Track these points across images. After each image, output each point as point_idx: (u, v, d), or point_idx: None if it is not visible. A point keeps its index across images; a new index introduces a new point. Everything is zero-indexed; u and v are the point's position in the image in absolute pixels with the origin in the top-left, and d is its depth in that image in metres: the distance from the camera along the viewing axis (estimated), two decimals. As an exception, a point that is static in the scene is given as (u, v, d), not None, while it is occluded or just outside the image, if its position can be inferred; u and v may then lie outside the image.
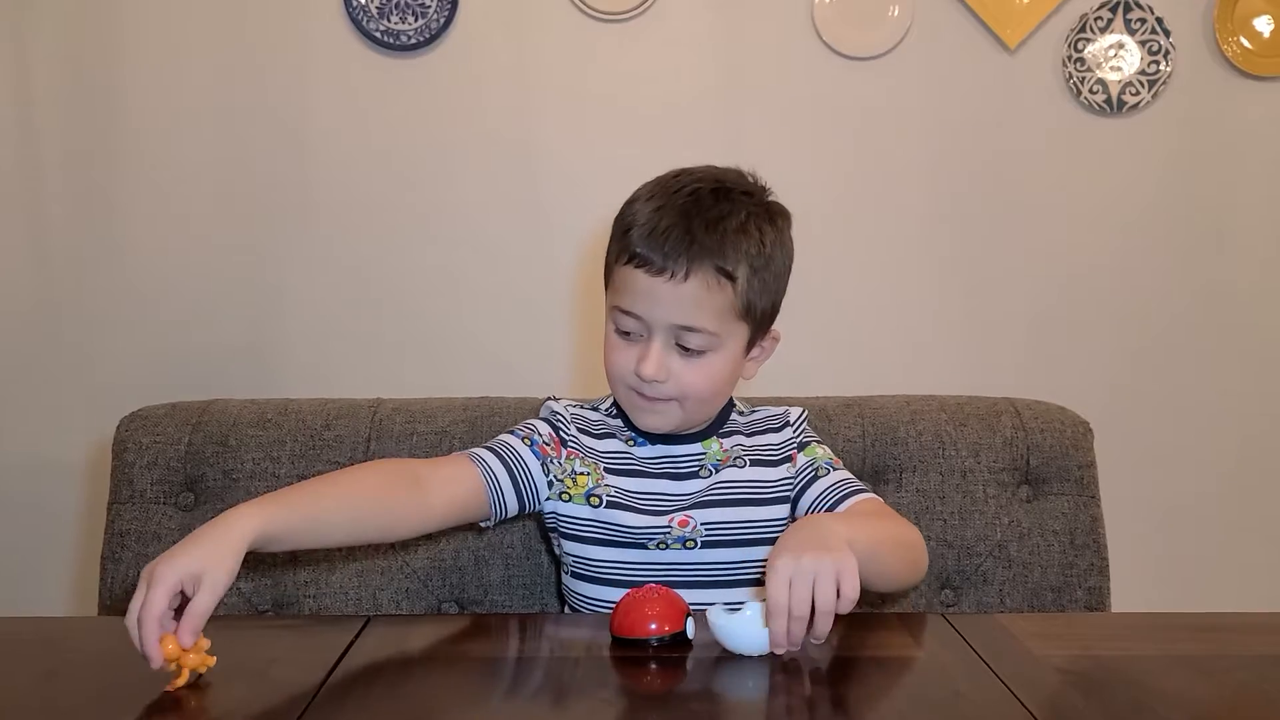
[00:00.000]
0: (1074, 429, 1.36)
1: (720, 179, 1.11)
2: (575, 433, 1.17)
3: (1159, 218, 2.01)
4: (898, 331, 2.02)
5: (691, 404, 1.10)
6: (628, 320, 1.08)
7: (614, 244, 1.11)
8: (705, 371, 1.08)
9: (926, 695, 0.83)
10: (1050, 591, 1.30)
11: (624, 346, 1.09)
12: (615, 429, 1.18)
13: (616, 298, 1.09)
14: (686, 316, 1.05)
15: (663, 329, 1.06)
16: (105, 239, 1.95)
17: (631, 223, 1.08)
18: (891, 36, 1.95)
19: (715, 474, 1.15)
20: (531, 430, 1.16)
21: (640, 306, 1.06)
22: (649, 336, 1.07)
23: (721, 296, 1.05)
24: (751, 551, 1.12)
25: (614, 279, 1.10)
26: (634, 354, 1.08)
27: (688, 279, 1.04)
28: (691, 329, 1.05)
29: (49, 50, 1.92)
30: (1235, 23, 1.96)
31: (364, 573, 1.28)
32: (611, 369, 1.11)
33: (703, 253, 1.04)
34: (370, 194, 1.97)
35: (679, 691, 0.85)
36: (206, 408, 1.35)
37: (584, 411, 1.21)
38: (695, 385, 1.08)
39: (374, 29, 1.92)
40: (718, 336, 1.07)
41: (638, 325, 1.07)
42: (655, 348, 1.06)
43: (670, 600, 0.92)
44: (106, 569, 1.27)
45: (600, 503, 1.12)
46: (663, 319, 1.06)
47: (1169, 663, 0.88)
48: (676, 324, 1.06)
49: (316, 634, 0.98)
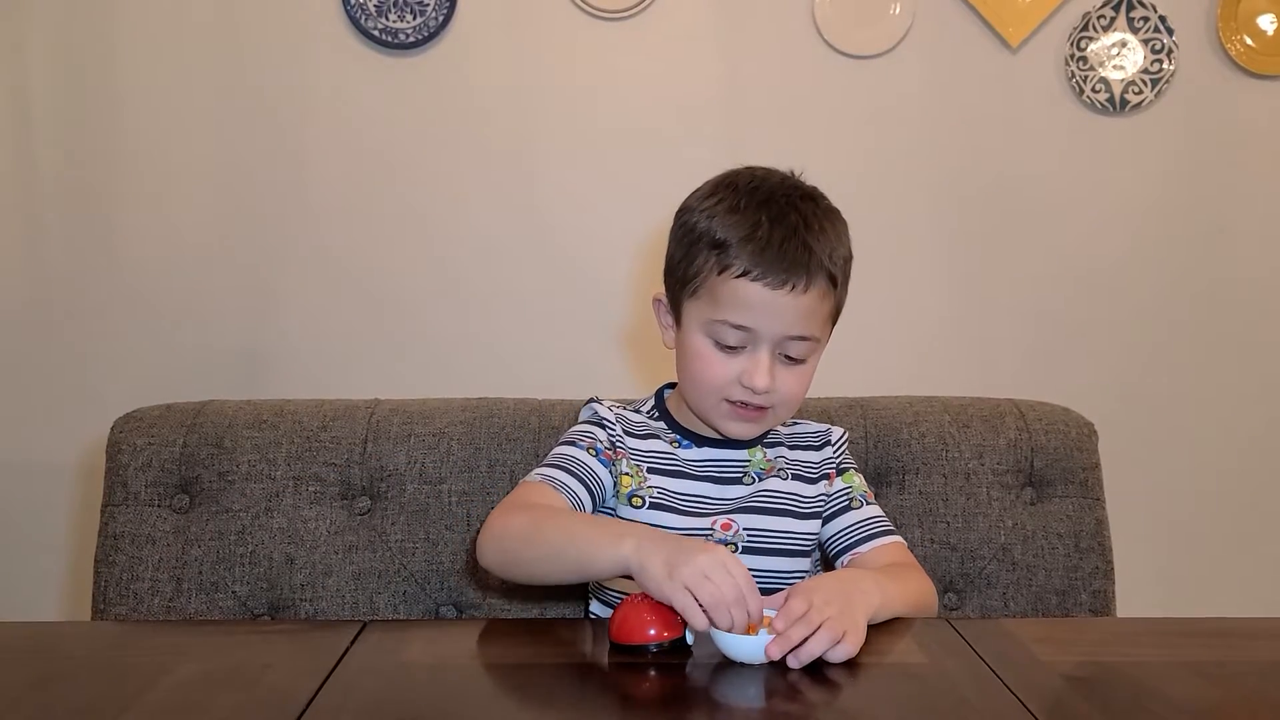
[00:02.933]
0: (1078, 430, 1.35)
1: (796, 183, 1.11)
2: (620, 433, 1.17)
3: (1162, 217, 2.00)
4: (900, 331, 2.01)
5: (784, 410, 1.11)
6: (733, 334, 1.06)
7: (702, 254, 1.07)
8: (803, 378, 1.10)
9: (933, 703, 0.82)
10: (1055, 595, 1.29)
11: (723, 359, 1.07)
12: (659, 430, 1.18)
13: (720, 311, 1.06)
14: (800, 326, 1.06)
15: (772, 340, 1.06)
16: (100, 239, 1.93)
17: (726, 235, 1.05)
18: (892, 35, 1.94)
19: (759, 482, 1.15)
20: (592, 439, 1.15)
21: (755, 320, 1.05)
22: (754, 348, 1.06)
23: (829, 303, 1.08)
24: (787, 562, 1.12)
25: (709, 292, 1.07)
26: (735, 366, 1.07)
27: (808, 290, 1.04)
28: (802, 338, 1.06)
29: (46, 50, 1.91)
30: (1239, 21, 1.95)
31: (361, 576, 1.27)
32: (708, 381, 1.09)
33: (819, 264, 1.05)
34: (367, 193, 1.95)
35: (678, 698, 0.84)
36: (201, 409, 1.34)
37: (626, 413, 1.20)
38: (794, 392, 1.09)
39: (372, 27, 1.90)
40: (819, 342, 1.09)
41: (744, 337, 1.06)
42: (764, 359, 1.06)
43: (669, 607, 0.90)
44: (100, 572, 1.26)
45: (643, 504, 1.12)
46: (779, 331, 1.05)
47: (1177, 669, 0.87)
48: (789, 335, 1.06)
49: (311, 639, 0.97)
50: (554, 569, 1.02)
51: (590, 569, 0.98)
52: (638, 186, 1.93)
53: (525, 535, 1.02)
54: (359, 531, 1.29)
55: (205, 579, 1.26)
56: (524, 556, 1.03)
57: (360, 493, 1.30)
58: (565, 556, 0.99)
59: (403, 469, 1.30)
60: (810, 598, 0.90)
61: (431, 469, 1.30)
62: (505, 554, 1.04)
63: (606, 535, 0.97)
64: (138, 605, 1.24)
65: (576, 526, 1.02)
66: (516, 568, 1.04)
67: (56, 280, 1.95)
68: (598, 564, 0.96)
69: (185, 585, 1.25)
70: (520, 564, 1.04)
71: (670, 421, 1.19)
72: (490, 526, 1.06)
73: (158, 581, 1.25)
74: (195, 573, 1.26)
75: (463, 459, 1.30)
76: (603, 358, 1.98)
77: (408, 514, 1.29)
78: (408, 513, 1.29)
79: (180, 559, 1.26)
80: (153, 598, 1.25)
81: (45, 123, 1.92)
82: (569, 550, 0.99)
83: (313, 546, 1.27)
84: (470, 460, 1.30)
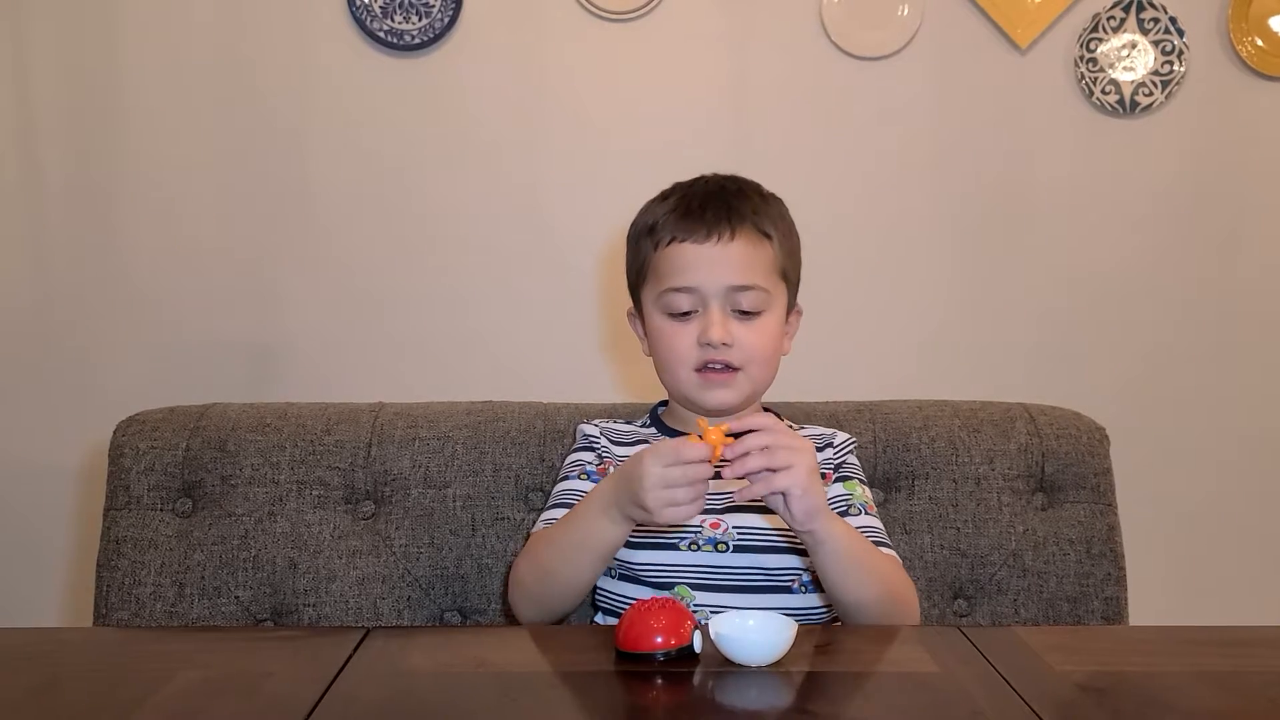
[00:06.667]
0: (1089, 435, 1.33)
1: (732, 177, 1.18)
2: (607, 444, 1.20)
3: (1173, 219, 1.98)
4: (909, 335, 1.99)
5: (755, 369, 1.13)
6: (681, 298, 1.11)
7: (641, 244, 1.16)
8: (763, 333, 1.12)
9: (945, 712, 0.80)
10: (1066, 602, 1.28)
11: (680, 327, 1.12)
12: (648, 435, 1.21)
13: (663, 282, 1.12)
14: (740, 275, 1.10)
15: (718, 295, 1.10)
16: (103, 241, 1.93)
17: (655, 219, 1.14)
18: (901, 36, 1.93)
19: None
20: (581, 465, 1.19)
21: (692, 277, 1.10)
22: (705, 308, 1.10)
23: (765, 254, 1.12)
24: (782, 559, 1.11)
25: (652, 270, 1.14)
26: (693, 330, 1.11)
27: (734, 238, 1.10)
28: (746, 287, 1.10)
29: (49, 50, 1.91)
30: (1250, 22, 1.94)
31: (364, 581, 1.26)
32: (671, 355, 1.13)
33: (741, 216, 1.11)
34: (372, 195, 1.95)
35: (685, 707, 0.83)
36: (205, 412, 1.33)
37: (612, 425, 1.23)
38: (757, 347, 1.11)
39: (377, 28, 1.89)
40: (769, 293, 1.12)
41: (692, 299, 1.10)
42: (716, 313, 1.10)
43: (677, 613, 0.89)
44: (102, 576, 1.25)
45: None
46: (718, 282, 1.09)
47: (1191, 678, 0.86)
48: (731, 284, 1.09)
49: (314, 646, 0.96)
50: (572, 585, 1.07)
51: (605, 555, 1.05)
52: (644, 189, 1.90)
53: (536, 577, 1.09)
54: (363, 536, 1.28)
55: (208, 584, 1.25)
56: (545, 593, 1.09)
57: (364, 497, 1.29)
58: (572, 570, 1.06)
59: (407, 473, 1.29)
60: (775, 437, 0.94)
61: (436, 473, 1.29)
62: (531, 600, 1.10)
63: (591, 524, 1.03)
64: (140, 610, 1.24)
65: (563, 542, 1.07)
66: (546, 604, 1.10)
67: (59, 282, 1.94)
68: (607, 547, 1.04)
69: (188, 590, 1.24)
70: (547, 600, 1.09)
71: (661, 426, 1.21)
72: (510, 587, 1.13)
73: (160, 586, 1.25)
74: (198, 577, 1.25)
75: (468, 463, 1.29)
76: (608, 361, 1.97)
77: (412, 518, 1.28)
78: (412, 517, 1.28)
79: (183, 563, 1.25)
80: (155, 602, 1.24)
81: (48, 125, 1.92)
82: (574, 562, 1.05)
83: (316, 551, 1.26)
84: (475, 464, 1.29)
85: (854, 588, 1.02)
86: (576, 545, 1.05)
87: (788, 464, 0.94)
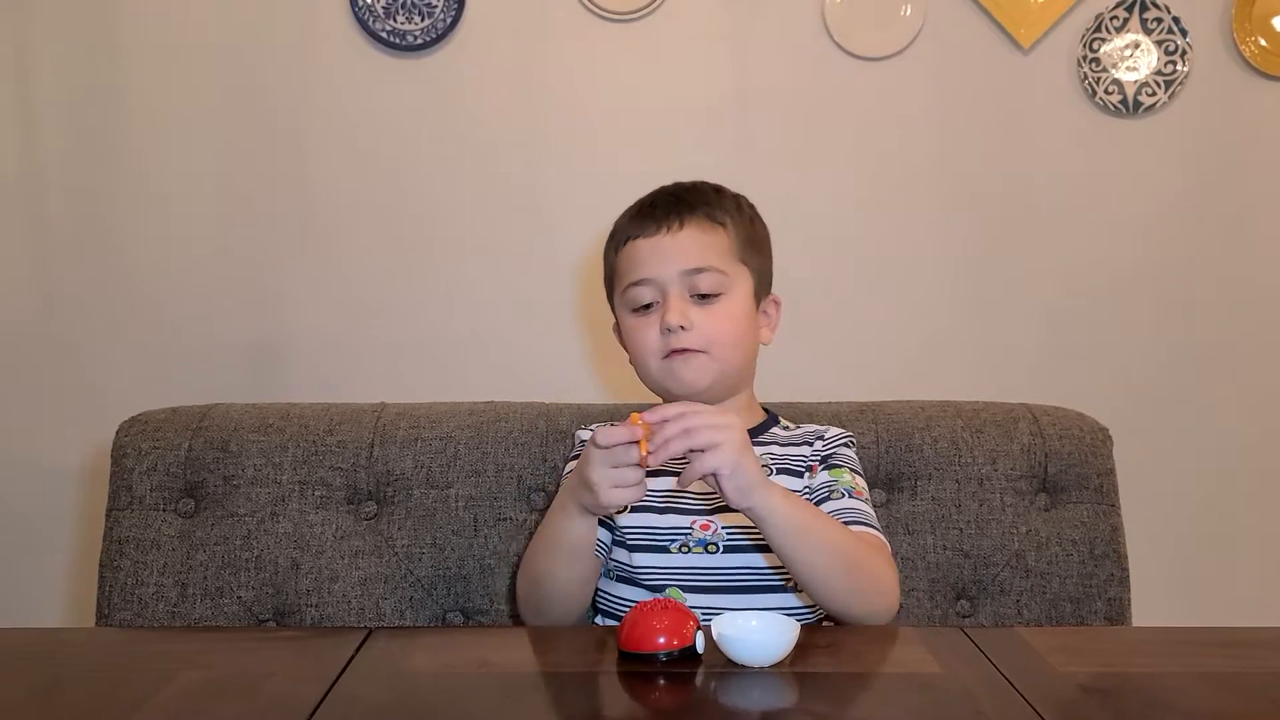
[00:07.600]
0: (1093, 435, 1.33)
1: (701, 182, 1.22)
2: None
3: (1176, 220, 1.98)
4: (912, 335, 1.99)
5: (719, 351, 1.13)
6: (640, 291, 1.14)
7: (607, 254, 1.21)
8: (724, 317, 1.13)
9: (948, 713, 0.80)
10: (1069, 602, 1.28)
11: (644, 322, 1.15)
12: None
13: (623, 280, 1.16)
14: (691, 259, 1.12)
15: (675, 282, 1.12)
16: (104, 241, 1.93)
17: (617, 227, 1.20)
18: (903, 36, 1.93)
19: None
20: None
21: (647, 269, 1.13)
22: (664, 298, 1.13)
23: (718, 239, 1.14)
24: (773, 557, 1.09)
25: (616, 274, 1.19)
26: (655, 321, 1.13)
27: (683, 227, 1.13)
28: (700, 269, 1.12)
29: (49, 50, 1.90)
30: (1253, 22, 1.93)
31: (367, 582, 1.26)
32: (639, 349, 1.15)
33: (691, 207, 1.15)
34: (374, 195, 1.94)
35: (687, 708, 0.82)
36: (207, 412, 1.33)
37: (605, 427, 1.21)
38: (719, 329, 1.12)
39: (380, 29, 1.89)
40: (726, 275, 1.13)
41: (652, 291, 1.14)
42: (674, 299, 1.12)
43: (679, 614, 0.89)
44: (104, 577, 1.25)
45: (625, 509, 1.12)
46: (671, 269, 1.12)
47: (1194, 679, 0.86)
48: (685, 269, 1.12)
49: (316, 647, 0.96)
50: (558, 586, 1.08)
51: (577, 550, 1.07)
52: (647, 189, 1.91)
53: (526, 582, 1.11)
54: (365, 536, 1.28)
55: (210, 584, 1.25)
56: (538, 595, 1.10)
57: (366, 497, 1.29)
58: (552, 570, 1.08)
59: (409, 473, 1.29)
60: (696, 415, 0.94)
61: (438, 473, 1.29)
62: (529, 608, 1.12)
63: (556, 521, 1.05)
64: (142, 610, 1.24)
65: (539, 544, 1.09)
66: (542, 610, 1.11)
67: (61, 283, 1.94)
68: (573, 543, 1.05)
69: (190, 590, 1.25)
70: (541, 605, 1.10)
71: None
72: (518, 602, 1.14)
73: (162, 586, 1.25)
74: (200, 578, 1.25)
75: (470, 463, 1.29)
76: (610, 362, 1.97)
77: (414, 519, 1.28)
78: (414, 517, 1.28)
79: (185, 564, 1.25)
80: (157, 603, 1.24)
81: (49, 126, 1.91)
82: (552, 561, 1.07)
83: (318, 551, 1.26)
84: (478, 465, 1.29)
85: (805, 559, 0.98)
86: (551, 544, 1.07)
87: (712, 442, 0.93)
